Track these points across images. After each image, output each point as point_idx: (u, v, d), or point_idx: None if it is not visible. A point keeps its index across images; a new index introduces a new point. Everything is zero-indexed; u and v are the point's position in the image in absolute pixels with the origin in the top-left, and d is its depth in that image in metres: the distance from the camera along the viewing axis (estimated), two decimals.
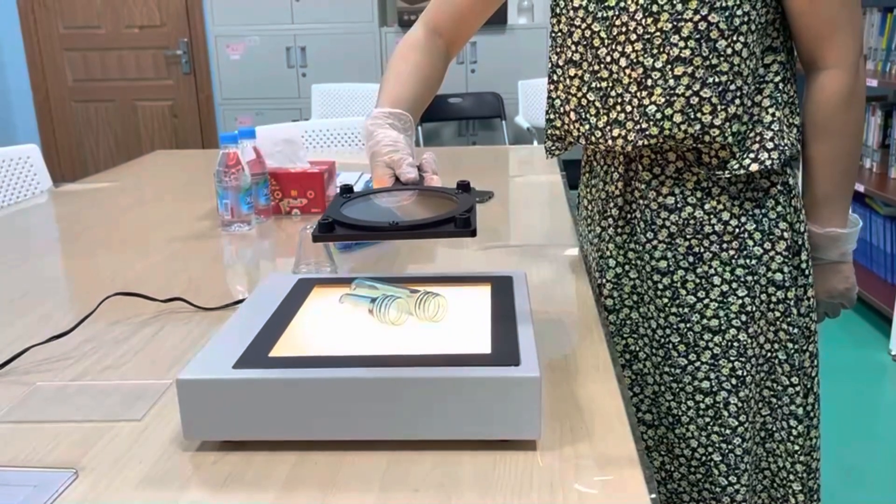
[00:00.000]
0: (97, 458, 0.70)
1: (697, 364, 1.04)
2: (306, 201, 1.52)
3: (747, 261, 1.02)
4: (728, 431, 1.04)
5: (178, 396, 0.67)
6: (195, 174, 2.01)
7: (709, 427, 1.04)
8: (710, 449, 1.05)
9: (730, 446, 1.04)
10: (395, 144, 0.90)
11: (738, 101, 0.95)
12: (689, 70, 0.94)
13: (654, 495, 0.62)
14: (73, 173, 4.73)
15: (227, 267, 1.28)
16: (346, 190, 0.84)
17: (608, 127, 1.01)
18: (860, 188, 2.98)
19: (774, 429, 1.08)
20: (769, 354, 1.05)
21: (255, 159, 1.46)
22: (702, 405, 1.04)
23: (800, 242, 1.03)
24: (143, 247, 1.37)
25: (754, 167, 0.97)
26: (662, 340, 1.06)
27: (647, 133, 0.97)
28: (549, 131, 1.11)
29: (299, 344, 0.75)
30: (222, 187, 1.40)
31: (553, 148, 1.12)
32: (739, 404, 1.03)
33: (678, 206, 1.02)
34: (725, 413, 1.03)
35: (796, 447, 1.08)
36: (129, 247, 1.37)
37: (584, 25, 1.00)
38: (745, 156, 0.98)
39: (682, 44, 0.93)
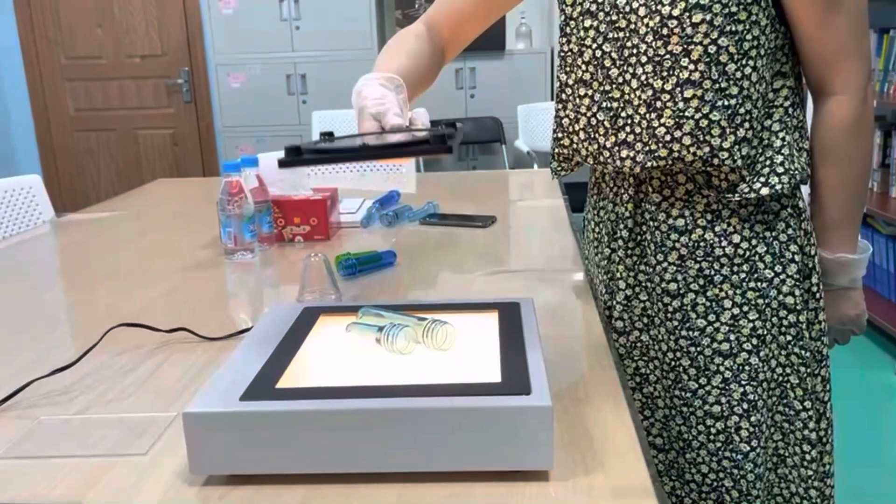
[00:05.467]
0: (102, 493, 0.69)
1: (708, 388, 1.03)
2: (309, 228, 1.51)
3: (758, 284, 1.01)
4: (739, 457, 1.02)
5: (185, 430, 0.66)
6: (197, 202, 2.01)
7: (720, 452, 1.03)
8: (721, 475, 1.04)
9: (741, 472, 1.03)
10: (382, 98, 0.86)
11: (747, 125, 0.95)
12: (699, 93, 0.94)
13: None
14: (75, 202, 4.74)
15: (230, 296, 1.27)
16: (328, 134, 0.79)
17: (617, 147, 1.01)
18: None
19: (787, 454, 1.06)
20: (781, 379, 1.04)
21: (258, 187, 1.46)
22: (713, 430, 1.03)
23: (810, 266, 1.03)
24: (146, 277, 1.36)
25: (764, 191, 0.97)
26: (673, 364, 1.05)
27: (655, 155, 0.97)
28: (556, 150, 1.11)
29: (306, 374, 0.74)
30: (225, 215, 1.40)
31: (559, 168, 1.12)
32: (751, 429, 1.02)
33: (688, 228, 1.01)
34: (737, 438, 1.02)
35: (809, 472, 1.06)
36: (131, 277, 1.37)
37: (594, 46, 1.00)
38: (755, 179, 0.97)
39: (691, 67, 0.93)
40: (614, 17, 0.97)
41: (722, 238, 1.01)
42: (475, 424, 0.65)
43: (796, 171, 0.99)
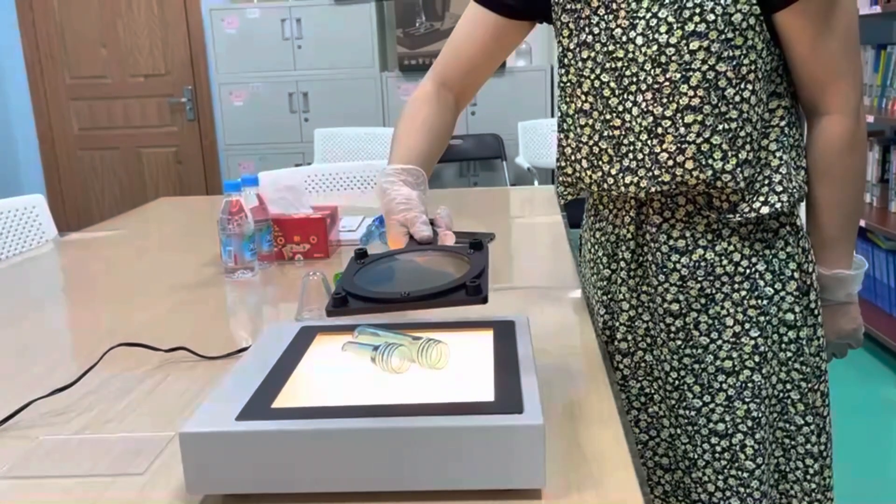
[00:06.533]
0: None
1: (712, 406, 1.03)
2: (309, 246, 1.52)
3: (759, 301, 1.02)
4: (745, 475, 1.02)
5: (181, 450, 0.67)
6: (199, 221, 2.02)
7: (726, 471, 1.03)
8: (727, 493, 1.03)
9: (748, 490, 1.02)
10: (408, 202, 0.91)
11: (748, 147, 0.96)
12: (699, 118, 0.95)
13: None
14: (79, 221, 4.77)
15: (230, 314, 1.28)
16: (361, 255, 0.84)
17: (621, 174, 1.01)
18: (861, 223, 2.99)
19: (788, 469, 1.07)
20: (781, 395, 1.05)
21: (259, 206, 1.47)
22: (717, 448, 1.03)
23: (808, 283, 1.04)
24: (147, 295, 1.37)
25: (765, 210, 0.98)
26: (677, 383, 1.05)
27: (659, 180, 0.98)
28: (560, 178, 1.12)
29: (302, 394, 0.75)
30: (225, 235, 1.41)
31: (566, 193, 1.13)
32: (756, 446, 1.02)
33: (689, 248, 1.02)
34: (742, 456, 1.02)
35: (812, 486, 1.06)
36: (132, 296, 1.38)
37: (593, 76, 1.01)
38: (755, 199, 0.98)
39: (691, 93, 0.94)
40: (611, 48, 0.98)
41: (722, 257, 1.01)
42: (468, 443, 0.65)
43: (794, 190, 1.00)
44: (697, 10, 0.92)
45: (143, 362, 1.04)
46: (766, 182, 0.99)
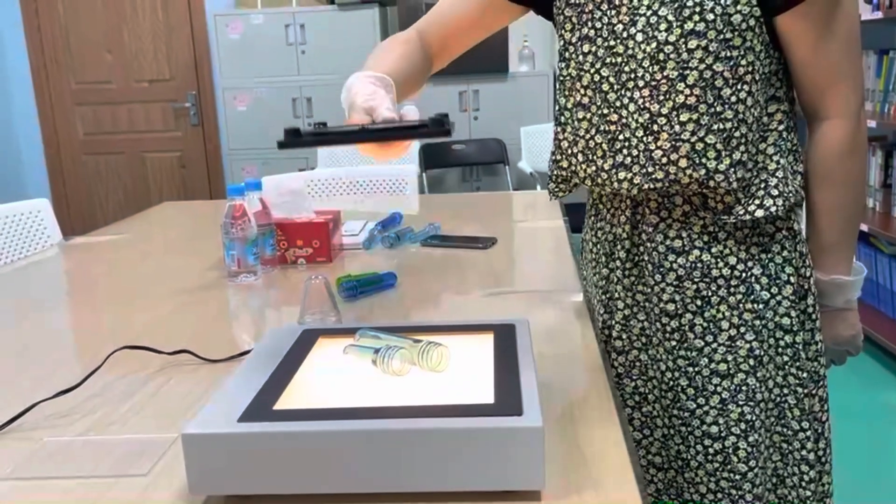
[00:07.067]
0: None
1: (706, 408, 1.03)
2: (312, 251, 1.53)
3: (754, 305, 1.02)
4: (738, 477, 1.03)
5: (184, 451, 0.67)
6: (203, 225, 2.03)
7: (718, 473, 1.04)
8: (719, 495, 1.04)
9: (740, 492, 1.03)
10: (373, 95, 0.89)
11: (742, 148, 0.96)
12: (695, 117, 0.95)
13: None
14: (83, 225, 4.78)
15: (233, 318, 1.29)
16: (321, 124, 0.81)
17: (614, 170, 1.02)
18: (864, 228, 2.99)
19: (786, 474, 1.07)
20: (778, 399, 1.05)
21: (262, 210, 1.48)
22: (710, 450, 1.04)
23: (806, 287, 1.04)
24: (151, 299, 1.38)
25: (760, 213, 0.98)
26: (671, 384, 1.06)
27: (652, 177, 0.99)
28: (554, 172, 1.13)
29: (304, 396, 0.75)
30: (229, 239, 1.42)
31: (557, 190, 1.14)
32: (749, 449, 1.02)
33: (685, 249, 1.03)
34: (735, 458, 1.03)
35: (808, 493, 1.06)
36: (136, 299, 1.39)
37: (592, 70, 1.02)
38: (750, 202, 0.99)
39: (687, 91, 0.95)
40: (612, 43, 0.99)
41: (718, 259, 1.02)
42: (467, 445, 0.66)
43: (790, 194, 1.00)
44: (697, 10, 0.93)
45: (147, 365, 1.05)
46: (763, 185, 0.99)
